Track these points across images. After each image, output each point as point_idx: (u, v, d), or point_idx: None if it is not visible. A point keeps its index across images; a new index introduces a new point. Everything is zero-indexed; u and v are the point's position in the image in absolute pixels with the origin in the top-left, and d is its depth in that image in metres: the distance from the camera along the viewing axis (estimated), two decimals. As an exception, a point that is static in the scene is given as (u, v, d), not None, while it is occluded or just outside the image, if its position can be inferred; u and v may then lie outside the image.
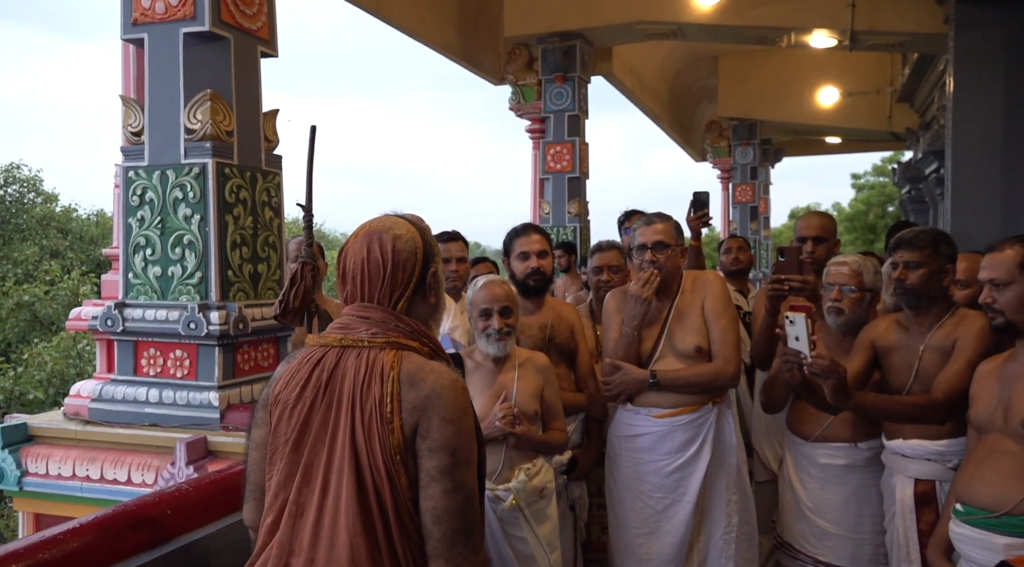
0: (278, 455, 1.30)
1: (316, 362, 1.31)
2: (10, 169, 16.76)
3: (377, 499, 1.23)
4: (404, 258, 1.35)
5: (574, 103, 7.14)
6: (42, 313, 12.08)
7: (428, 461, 1.23)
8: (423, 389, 1.25)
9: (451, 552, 1.22)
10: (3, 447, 2.86)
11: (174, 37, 2.90)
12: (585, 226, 7.26)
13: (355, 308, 1.35)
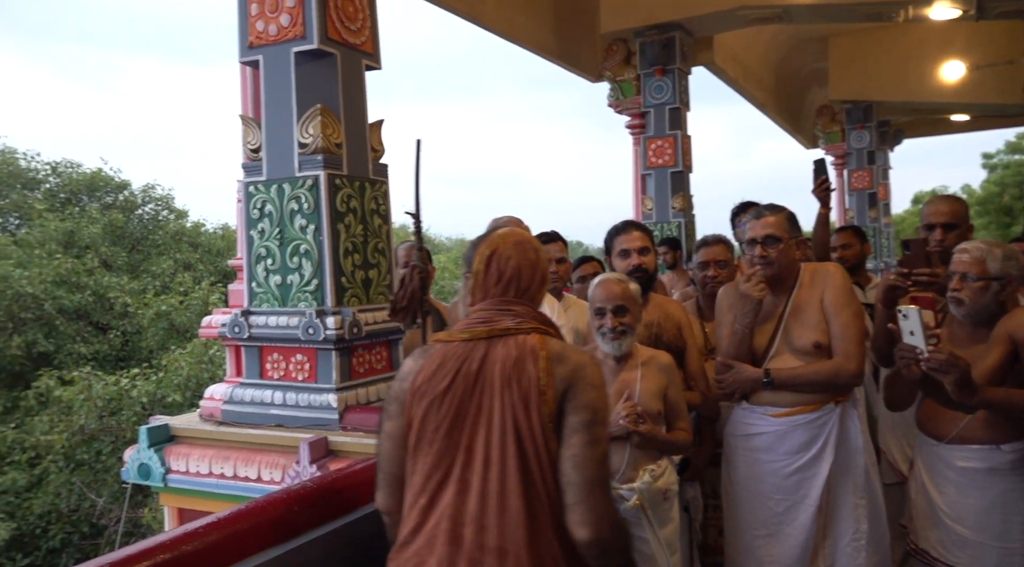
0: (425, 441, 1.45)
1: (463, 355, 1.47)
2: (147, 189, 18.16)
3: (537, 463, 1.39)
4: (543, 262, 1.59)
5: (675, 96, 6.99)
6: (178, 321, 13.02)
7: (573, 417, 1.40)
8: (570, 364, 1.44)
9: (591, 498, 1.36)
10: (149, 446, 3.10)
11: (286, 56, 3.05)
12: (690, 221, 7.09)
13: (493, 303, 1.53)
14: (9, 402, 12.70)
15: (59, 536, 10.44)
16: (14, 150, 17.43)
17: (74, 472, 10.39)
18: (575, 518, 1.37)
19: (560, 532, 1.40)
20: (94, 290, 13.76)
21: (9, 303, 12.47)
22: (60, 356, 12.96)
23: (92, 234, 15.35)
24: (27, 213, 16.17)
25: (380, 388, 3.18)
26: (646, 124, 7.15)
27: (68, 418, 10.09)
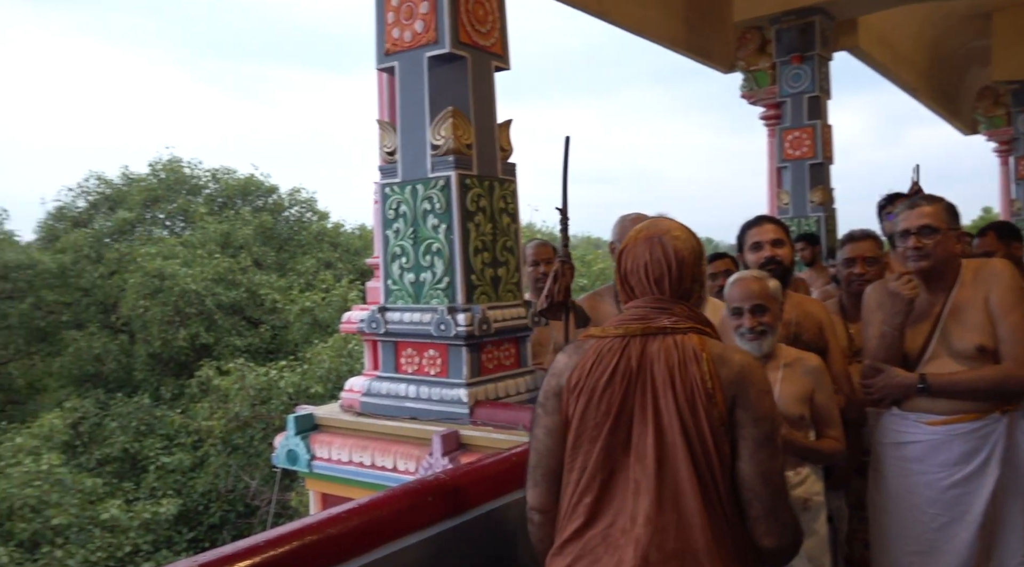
0: (586, 438, 1.44)
1: (620, 350, 1.45)
2: (293, 193, 19.41)
3: (708, 467, 1.36)
4: (685, 257, 1.50)
5: (813, 83, 6.62)
6: (320, 317, 13.82)
7: (753, 429, 1.37)
8: (734, 366, 1.40)
9: (776, 510, 1.35)
10: (296, 434, 3.31)
11: (420, 62, 3.16)
12: (830, 215, 6.69)
13: (648, 301, 1.50)
14: (176, 389, 13.99)
15: (218, 513, 11.37)
16: (180, 159, 19.17)
17: (231, 455, 11.28)
18: (763, 529, 1.36)
19: (738, 539, 1.37)
20: (247, 287, 14.86)
21: (176, 299, 13.71)
22: (219, 348, 14.10)
23: (245, 235, 16.59)
24: (191, 216, 17.73)
25: (509, 384, 3.23)
26: (782, 114, 6.82)
27: (225, 406, 10.96)
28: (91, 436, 12.62)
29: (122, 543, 8.77)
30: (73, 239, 16.33)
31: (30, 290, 15.24)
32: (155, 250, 14.84)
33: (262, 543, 1.44)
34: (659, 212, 1.64)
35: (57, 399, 13.82)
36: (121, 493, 10.58)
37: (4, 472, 8.86)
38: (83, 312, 15.82)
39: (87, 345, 14.80)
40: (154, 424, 12.89)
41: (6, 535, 8.04)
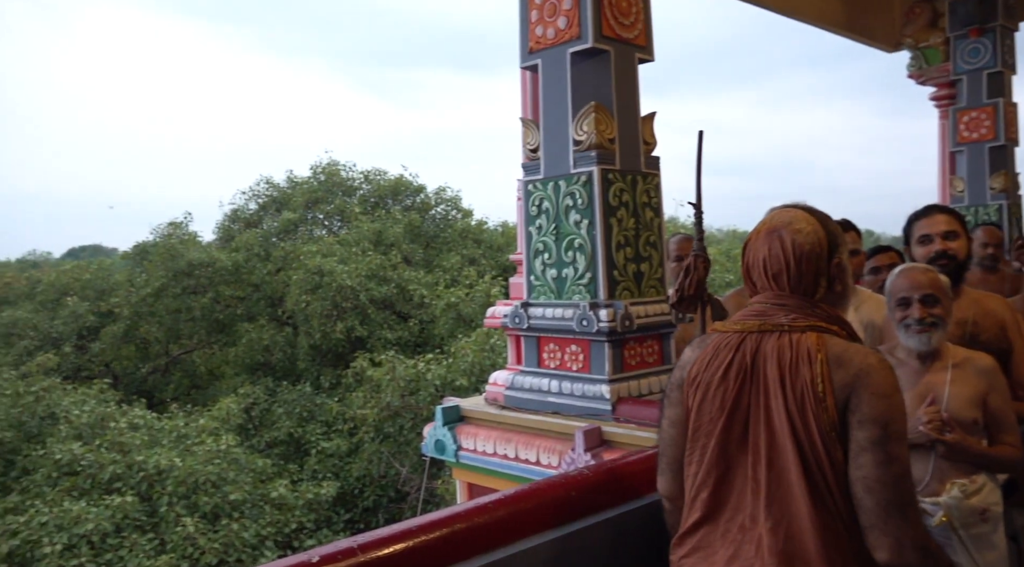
0: (702, 432, 1.43)
1: (736, 346, 1.42)
2: (439, 192, 20.14)
3: (820, 472, 1.31)
4: (807, 251, 1.42)
5: (995, 58, 5.98)
6: (464, 312, 14.24)
7: (858, 432, 1.30)
8: (851, 369, 1.32)
9: (886, 523, 1.27)
10: (443, 424, 3.44)
11: (562, 58, 3.17)
12: (1015, 203, 6.03)
13: (768, 297, 1.45)
14: (334, 379, 14.93)
15: (372, 497, 12.03)
16: (336, 163, 20.42)
17: (382, 443, 11.89)
18: (870, 541, 1.29)
19: (857, 547, 1.31)
20: (397, 283, 15.58)
21: (334, 294, 14.63)
22: (371, 341, 14.90)
23: (395, 233, 17.40)
24: (347, 216, 18.84)
25: (652, 381, 3.18)
26: (957, 94, 6.22)
27: (377, 395, 11.56)
28: (261, 420, 13.76)
29: (288, 520, 9.49)
30: (246, 239, 17.83)
31: (210, 285, 16.82)
32: (315, 248, 15.90)
33: (415, 528, 1.50)
34: (801, 203, 1.54)
35: (233, 385, 15.18)
36: (287, 474, 11.45)
37: (190, 450, 9.86)
38: (254, 306, 17.25)
39: (257, 336, 16.12)
40: (315, 411, 13.83)
41: (192, 507, 8.94)
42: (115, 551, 8.11)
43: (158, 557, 8.04)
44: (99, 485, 9.07)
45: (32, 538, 7.96)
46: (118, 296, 17.32)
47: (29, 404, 11.11)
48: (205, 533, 8.48)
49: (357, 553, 1.39)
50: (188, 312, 16.78)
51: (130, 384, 17.03)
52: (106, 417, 10.71)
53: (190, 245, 17.34)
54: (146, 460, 9.26)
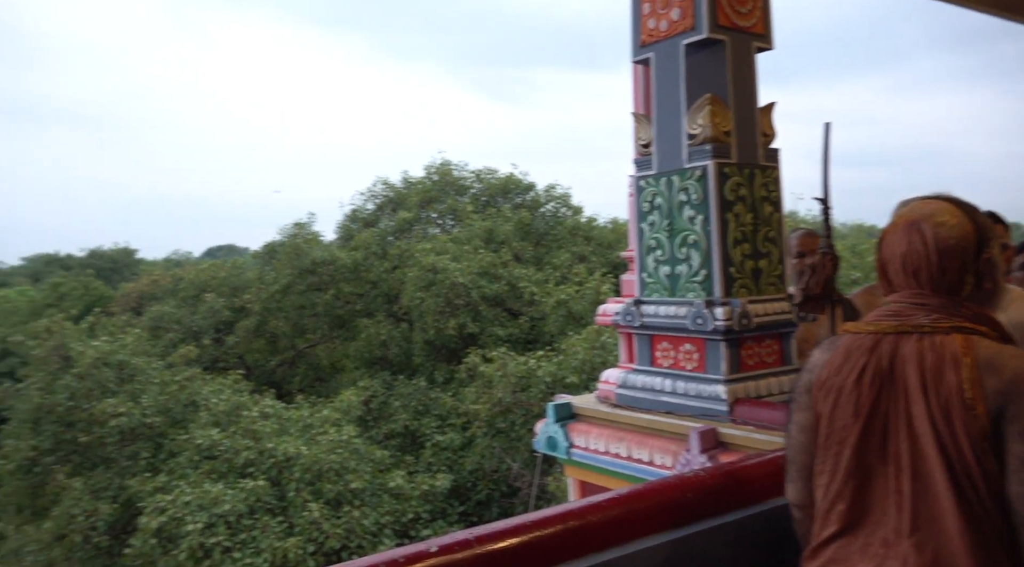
0: (834, 440, 1.36)
1: (870, 349, 1.33)
2: (548, 189, 20.22)
3: (970, 484, 1.23)
4: (951, 246, 1.32)
5: None
6: (574, 309, 14.23)
7: (1018, 445, 1.20)
8: (1006, 374, 1.22)
9: None
10: (555, 421, 3.45)
11: (676, 50, 3.10)
12: None
13: (906, 295, 1.35)
14: (448, 374, 15.31)
15: (484, 491, 12.25)
16: (449, 163, 20.92)
17: (494, 438, 12.09)
18: None
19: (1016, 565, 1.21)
20: (508, 280, 15.77)
21: (447, 291, 14.99)
22: (483, 337, 15.16)
23: (506, 231, 17.62)
24: (459, 215, 19.26)
25: (771, 382, 3.06)
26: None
27: (489, 391, 11.75)
28: (379, 412, 14.31)
29: (405, 510, 9.83)
30: (364, 238, 18.58)
31: (332, 283, 17.65)
32: (429, 246, 16.34)
33: (529, 523, 1.52)
34: (944, 193, 1.42)
35: (353, 379, 15.87)
36: (404, 465, 11.86)
37: (315, 439, 10.40)
38: (372, 302, 17.95)
39: (375, 331, 16.77)
40: (429, 405, 14.24)
41: (317, 493, 9.43)
42: (248, 531, 8.69)
43: (287, 539, 8.54)
44: (234, 469, 9.74)
45: (177, 515, 8.66)
46: (250, 293, 18.52)
47: (174, 392, 12.07)
48: (329, 518, 8.93)
49: (473, 545, 1.42)
50: (312, 308, 17.68)
51: (261, 375, 18.16)
52: (240, 406, 11.48)
53: (313, 244, 18.25)
54: (276, 447, 9.85)
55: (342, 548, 8.75)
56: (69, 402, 11.32)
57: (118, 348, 12.46)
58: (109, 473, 11.06)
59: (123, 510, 10.52)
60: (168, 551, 8.59)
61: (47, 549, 10.33)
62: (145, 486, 9.95)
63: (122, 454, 11.22)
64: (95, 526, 10.12)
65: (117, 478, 10.92)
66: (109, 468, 11.16)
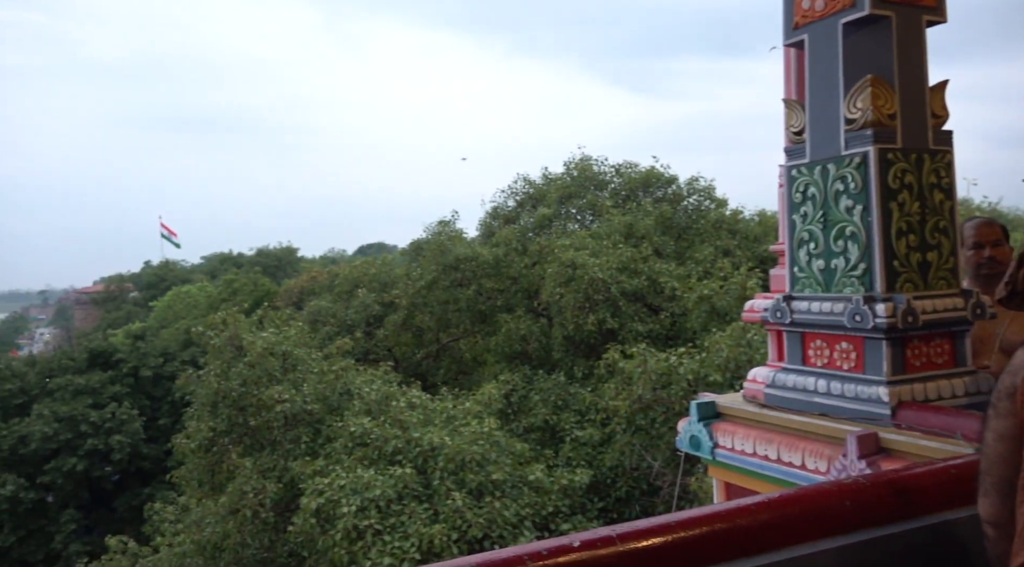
0: None
1: None
2: (691, 182, 19.68)
3: None
4: None
5: None
6: (718, 305, 13.75)
7: None
8: None
9: None
10: (699, 420, 3.36)
11: (833, 30, 2.91)
12: None
13: None
14: (586, 370, 15.30)
15: (624, 488, 12.15)
16: (588, 157, 20.88)
17: (634, 435, 11.94)
18: None
19: None
20: (648, 275, 15.52)
21: (586, 286, 14.97)
22: (623, 333, 15.00)
23: (646, 225, 17.33)
24: (598, 210, 19.18)
25: (941, 385, 2.81)
26: None
27: (629, 388, 11.61)
28: (519, 406, 14.54)
29: (545, 503, 9.93)
30: (504, 234, 18.94)
31: (474, 279, 18.14)
32: (568, 242, 16.39)
33: (673, 523, 1.49)
34: None
35: (494, 372, 16.23)
36: (543, 459, 11.98)
37: (458, 430, 10.74)
38: (512, 298, 18.27)
39: (515, 326, 17.05)
40: (569, 400, 14.29)
41: (460, 483, 9.74)
42: (397, 516, 9.12)
43: (432, 526, 8.88)
44: (384, 456, 10.25)
45: (334, 498, 9.24)
46: (398, 288, 19.43)
47: (331, 381, 12.89)
48: (471, 508, 9.19)
49: (616, 542, 1.41)
50: (455, 303, 18.26)
51: (408, 367, 19.01)
52: (389, 396, 12.07)
53: (457, 241, 18.84)
54: (421, 437, 10.27)
55: (484, 537, 8.98)
56: (241, 388, 12.38)
57: (282, 339, 13.47)
58: (275, 455, 11.99)
59: (287, 490, 11.38)
60: (325, 531, 9.18)
61: (223, 522, 11.36)
62: (305, 468, 10.70)
63: (286, 437, 12.13)
64: (263, 503, 11.01)
65: (282, 460, 11.82)
66: (275, 450, 12.10)
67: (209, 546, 11.46)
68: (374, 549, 8.66)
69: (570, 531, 9.97)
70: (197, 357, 21.80)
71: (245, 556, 11.21)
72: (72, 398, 29.72)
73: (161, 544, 14.32)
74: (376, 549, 8.65)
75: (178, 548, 12.88)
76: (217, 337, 13.43)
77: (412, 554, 8.57)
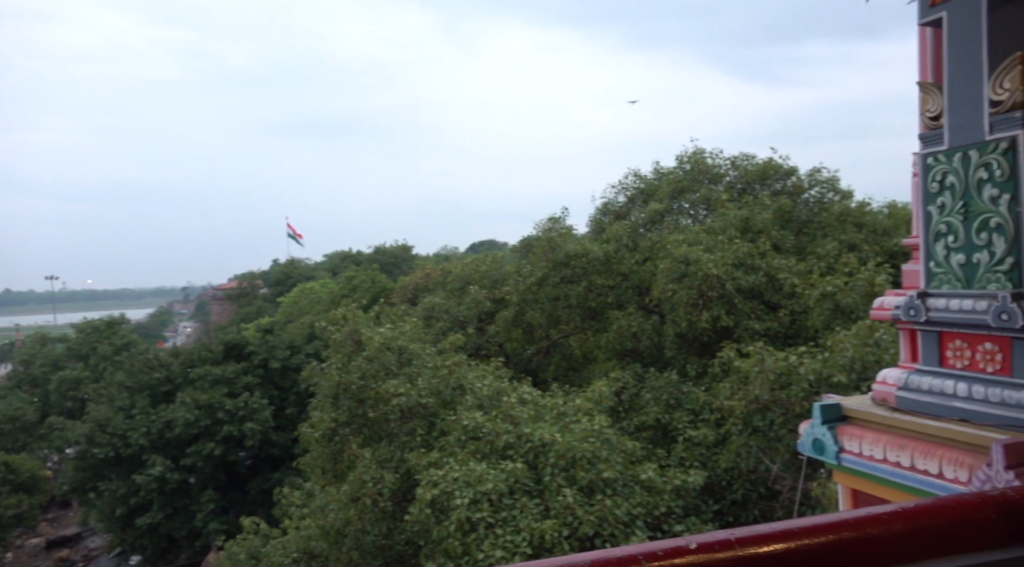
0: None
1: None
2: (812, 173, 18.75)
3: None
4: None
5: None
6: (842, 302, 13.03)
7: None
8: None
9: None
10: (822, 423, 3.20)
11: (976, 5, 2.69)
12: None
13: None
14: (700, 368, 14.92)
15: (740, 491, 11.75)
16: (702, 151, 20.30)
17: (751, 436, 11.53)
18: None
19: None
20: (766, 271, 14.93)
21: (699, 283, 14.58)
22: (738, 331, 14.52)
23: (764, 220, 16.67)
24: (712, 204, 18.63)
25: (1105, 392, 2.54)
26: None
27: (745, 387, 11.22)
28: (630, 404, 14.37)
29: (657, 503, 9.77)
30: (615, 230, 18.75)
31: (584, 275, 18.07)
32: (681, 237, 16.02)
33: (796, 529, 1.42)
34: None
35: (604, 369, 16.12)
36: (655, 458, 11.79)
37: (568, 427, 10.75)
38: (623, 294, 18.07)
39: (626, 323, 16.85)
40: (681, 399, 13.98)
41: (571, 479, 9.74)
42: (508, 510, 9.24)
43: (543, 521, 8.93)
44: (495, 451, 10.41)
45: (448, 490, 9.48)
46: (508, 285, 19.66)
47: (444, 376, 13.21)
48: (582, 505, 9.17)
49: (735, 546, 1.37)
50: (565, 300, 18.27)
51: (518, 363, 19.19)
52: (500, 391, 12.24)
53: (567, 238, 18.84)
54: (532, 433, 10.35)
55: (595, 535, 8.94)
56: (360, 381, 12.91)
57: (398, 334, 13.94)
58: (392, 446, 12.44)
59: (403, 480, 11.77)
60: (440, 521, 9.44)
61: (344, 508, 11.90)
62: (420, 460, 11.03)
63: (402, 430, 12.55)
64: (381, 492, 11.44)
65: (398, 451, 12.24)
66: (392, 441, 12.54)
67: (332, 531, 12.05)
68: (486, 542, 8.81)
69: (683, 533, 9.77)
70: (320, 350, 22.95)
71: (365, 542, 11.69)
72: (210, 387, 32.05)
73: (289, 527, 15.19)
74: (488, 542, 8.80)
75: (304, 531, 13.62)
76: (338, 332, 14.07)
77: (523, 548, 8.66)
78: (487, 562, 8.59)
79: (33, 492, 37.58)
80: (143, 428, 31.32)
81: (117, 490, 31.56)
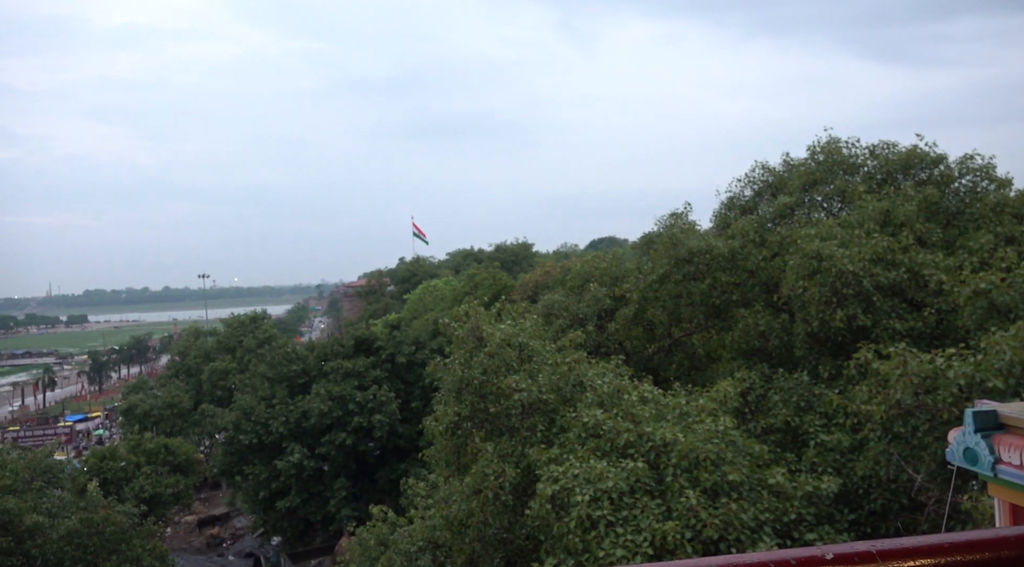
0: None
1: None
2: (963, 161, 17.29)
3: None
4: None
5: None
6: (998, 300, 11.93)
7: None
8: None
9: None
10: (976, 431, 2.94)
11: None
12: None
13: None
14: (833, 370, 14.12)
15: (879, 501, 11.04)
16: (837, 140, 19.19)
17: (891, 443, 10.79)
18: None
19: None
20: (908, 267, 13.92)
21: (833, 280, 13.81)
22: (876, 330, 13.63)
23: (907, 212, 15.55)
24: (848, 196, 17.58)
25: None
26: None
27: (885, 391, 10.51)
28: (757, 405, 13.82)
29: (787, 509, 9.35)
30: (741, 225, 18.07)
31: (708, 272, 17.55)
32: (813, 232, 15.22)
33: (946, 545, 1.32)
34: None
35: (729, 369, 15.60)
36: (784, 462, 11.28)
37: (691, 427, 10.49)
38: (749, 292, 17.41)
39: (753, 322, 16.22)
40: (812, 401, 13.30)
41: (694, 481, 9.50)
42: (629, 510, 9.13)
43: (665, 522, 8.77)
44: (616, 449, 10.32)
45: (568, 486, 9.50)
46: (628, 282, 19.42)
47: (564, 373, 13.24)
48: (706, 507, 8.93)
49: (876, 559, 1.28)
50: (688, 297, 17.82)
51: (639, 361, 18.93)
52: (621, 389, 12.12)
53: (689, 234, 18.36)
54: (654, 432, 10.18)
55: (720, 539, 8.67)
56: (482, 377, 13.17)
57: (519, 331, 14.11)
58: (513, 441, 12.61)
59: (524, 475, 11.91)
60: (560, 517, 9.47)
61: (467, 500, 12.19)
62: (541, 456, 11.11)
63: (523, 425, 12.69)
64: (503, 486, 11.63)
65: (519, 446, 12.39)
66: (513, 436, 12.72)
67: (456, 522, 12.38)
68: (607, 540, 8.75)
69: (815, 541, 9.28)
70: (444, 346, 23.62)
71: (487, 534, 11.93)
72: (342, 380, 33.81)
73: (415, 516, 15.75)
74: (609, 540, 8.74)
75: (429, 521, 14.08)
76: (460, 328, 14.41)
77: (645, 548, 8.53)
78: (607, 560, 8.53)
79: (188, 473, 41.16)
80: (282, 417, 33.48)
81: (260, 474, 33.92)
